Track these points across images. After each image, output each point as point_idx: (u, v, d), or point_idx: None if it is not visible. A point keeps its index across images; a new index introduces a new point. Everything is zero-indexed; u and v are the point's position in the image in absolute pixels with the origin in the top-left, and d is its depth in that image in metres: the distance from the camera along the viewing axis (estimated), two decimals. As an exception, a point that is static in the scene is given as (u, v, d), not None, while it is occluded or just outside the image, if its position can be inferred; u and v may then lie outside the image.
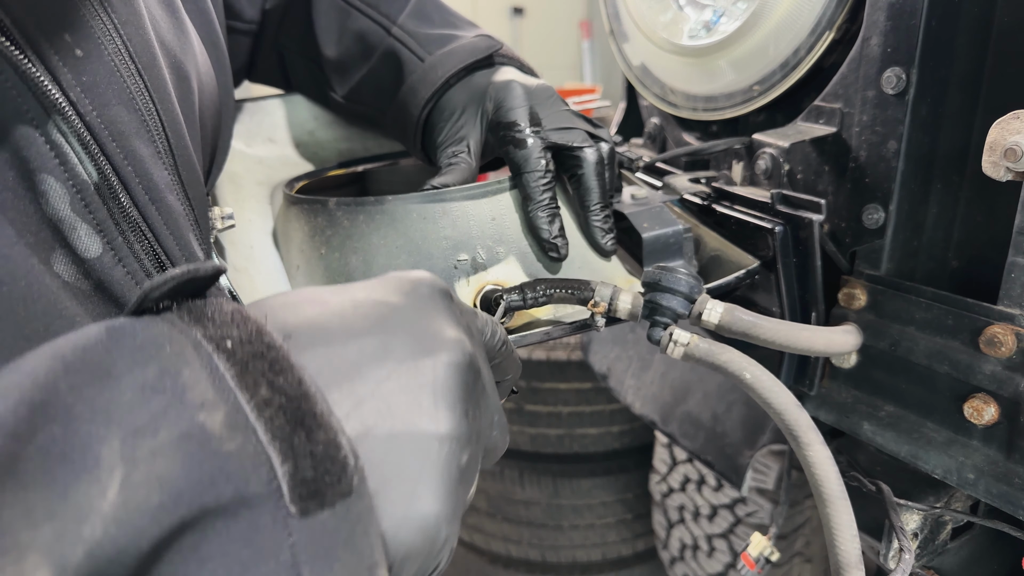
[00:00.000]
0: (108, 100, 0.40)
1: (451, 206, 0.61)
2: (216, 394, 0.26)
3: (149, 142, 0.43)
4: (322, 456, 0.27)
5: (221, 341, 0.28)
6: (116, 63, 0.42)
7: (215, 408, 0.26)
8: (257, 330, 0.29)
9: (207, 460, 0.25)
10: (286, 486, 0.26)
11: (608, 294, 0.57)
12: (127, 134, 0.41)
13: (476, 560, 2.05)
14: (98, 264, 0.38)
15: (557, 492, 1.89)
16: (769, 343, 0.57)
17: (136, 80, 0.43)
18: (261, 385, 0.27)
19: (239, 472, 0.25)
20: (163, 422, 0.25)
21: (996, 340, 0.57)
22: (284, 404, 0.27)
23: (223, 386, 0.27)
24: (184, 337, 0.28)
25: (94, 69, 0.40)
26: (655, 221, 0.67)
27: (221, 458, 0.25)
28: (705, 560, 1.50)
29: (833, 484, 0.54)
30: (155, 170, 0.43)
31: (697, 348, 0.55)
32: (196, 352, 0.27)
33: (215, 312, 0.30)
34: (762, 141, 0.75)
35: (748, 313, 0.57)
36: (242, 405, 0.26)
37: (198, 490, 0.24)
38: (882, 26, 0.64)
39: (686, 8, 0.86)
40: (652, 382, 1.28)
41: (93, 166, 0.38)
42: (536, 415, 1.86)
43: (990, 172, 0.55)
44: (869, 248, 0.68)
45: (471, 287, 0.61)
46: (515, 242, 0.63)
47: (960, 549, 0.79)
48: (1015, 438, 0.57)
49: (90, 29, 0.40)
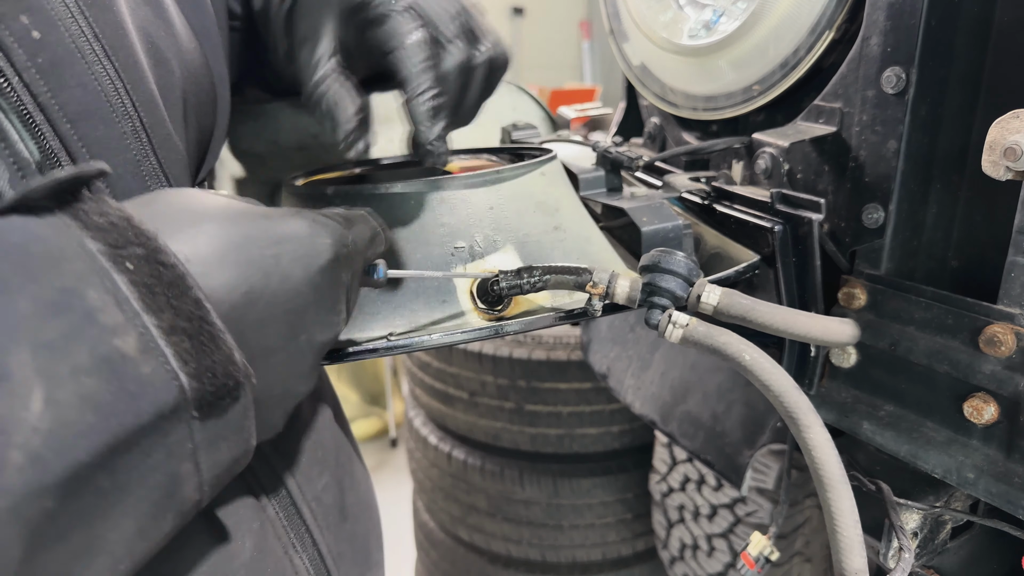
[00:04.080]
0: (65, 82, 0.41)
1: (449, 194, 0.61)
2: (125, 319, 0.29)
3: (113, 124, 0.43)
4: (220, 373, 0.32)
5: (119, 260, 0.30)
6: (78, 45, 0.42)
7: (126, 332, 0.29)
8: (155, 248, 0.31)
9: (129, 382, 0.28)
10: (191, 399, 0.30)
11: (606, 278, 0.56)
12: (84, 116, 0.41)
13: (476, 560, 2.05)
14: None
15: (557, 492, 1.89)
16: (766, 327, 0.57)
17: (101, 62, 0.43)
18: (166, 311, 0.30)
19: (155, 393, 0.29)
20: (78, 342, 0.27)
21: (996, 339, 0.57)
22: (187, 328, 0.31)
23: (130, 309, 0.29)
24: (80, 250, 0.29)
25: (52, 51, 0.40)
26: (654, 216, 0.67)
27: (140, 381, 0.28)
28: (705, 560, 1.50)
29: (833, 467, 0.53)
30: (117, 151, 0.44)
31: (695, 331, 0.55)
32: (95, 271, 0.29)
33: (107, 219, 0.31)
34: (762, 141, 0.75)
35: (746, 296, 0.57)
36: (150, 329, 0.29)
37: (123, 410, 0.28)
38: (882, 26, 0.64)
39: (686, 8, 0.86)
40: (652, 382, 1.28)
41: (35, 144, 0.39)
42: (536, 415, 1.86)
43: (990, 171, 0.55)
44: (869, 247, 0.68)
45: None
46: (513, 231, 0.62)
47: (960, 548, 0.79)
48: (1015, 437, 0.57)
49: (49, 12, 0.41)
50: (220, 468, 0.34)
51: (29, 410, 0.25)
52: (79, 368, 0.27)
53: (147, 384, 0.29)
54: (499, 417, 1.90)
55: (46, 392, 0.25)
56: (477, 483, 1.95)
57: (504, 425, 1.90)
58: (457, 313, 0.59)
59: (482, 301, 0.59)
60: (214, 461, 0.33)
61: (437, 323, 0.58)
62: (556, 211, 0.66)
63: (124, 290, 0.29)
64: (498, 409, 1.89)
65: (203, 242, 0.35)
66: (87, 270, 0.29)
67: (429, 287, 0.59)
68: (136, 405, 0.28)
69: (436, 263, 0.59)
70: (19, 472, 0.24)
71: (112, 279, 0.29)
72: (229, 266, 0.35)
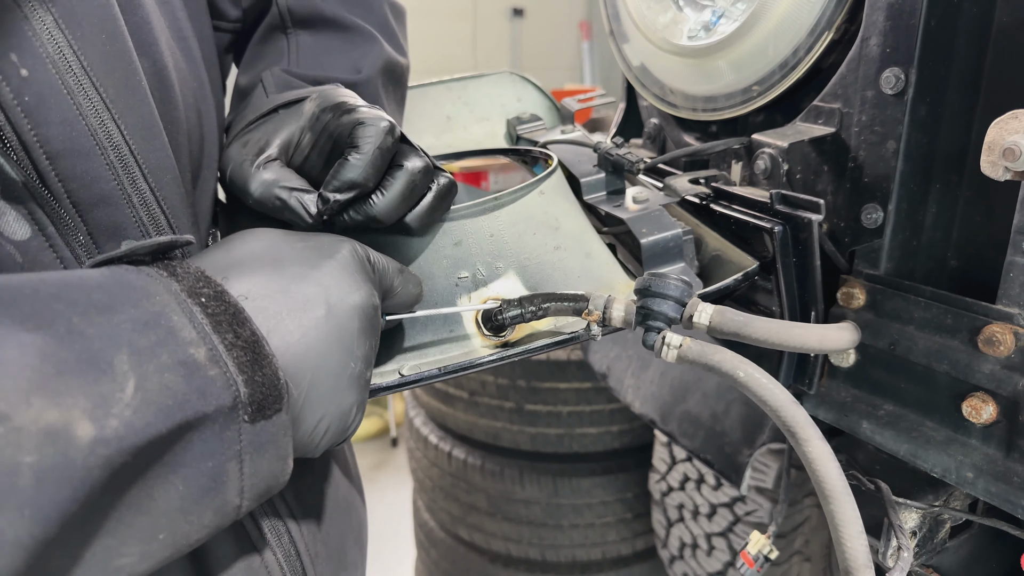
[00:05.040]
0: (49, 119, 0.43)
1: (450, 225, 0.62)
2: (198, 335, 0.38)
3: (95, 157, 0.45)
4: (268, 385, 0.40)
5: (196, 296, 0.40)
6: (65, 81, 0.43)
7: (199, 345, 0.38)
8: (221, 291, 0.41)
9: (198, 380, 0.37)
10: (244, 403, 0.38)
11: (602, 303, 0.58)
12: (64, 152, 0.43)
13: (476, 559, 2.05)
14: (26, 247, 0.43)
15: (557, 491, 1.89)
16: (761, 342, 0.58)
17: (88, 95, 0.45)
18: (228, 332, 0.39)
19: (218, 392, 0.37)
20: (163, 349, 0.36)
21: (995, 339, 0.57)
22: (244, 346, 0.39)
23: (202, 330, 0.38)
24: (167, 290, 0.39)
25: (39, 89, 0.42)
26: (654, 226, 0.68)
27: (207, 380, 0.37)
28: (704, 559, 1.50)
29: (835, 480, 0.53)
30: (100, 182, 0.45)
31: (690, 350, 0.55)
32: (178, 302, 0.39)
33: (187, 271, 0.41)
34: (761, 141, 0.75)
35: (739, 313, 0.57)
36: (217, 345, 0.38)
37: (192, 400, 0.36)
38: (881, 26, 0.64)
39: (686, 9, 0.87)
40: (651, 381, 1.29)
41: (19, 171, 0.42)
42: (536, 415, 1.87)
43: (989, 172, 0.55)
44: (868, 248, 0.69)
45: (473, 303, 0.62)
46: (514, 256, 0.64)
47: (959, 548, 0.79)
48: (1014, 437, 0.57)
49: (37, 50, 0.42)
50: (260, 479, 0.41)
51: (124, 392, 0.33)
52: (163, 367, 0.35)
53: (212, 383, 0.37)
54: (499, 417, 1.90)
55: (137, 381, 0.34)
56: (477, 482, 1.95)
57: (504, 424, 1.90)
58: (464, 339, 0.61)
59: (487, 328, 0.61)
60: (256, 469, 0.40)
61: (445, 349, 0.60)
62: (556, 230, 0.67)
63: (199, 316, 0.39)
64: (498, 408, 1.89)
65: (257, 280, 0.44)
66: (172, 301, 0.38)
67: (436, 318, 0.61)
68: (203, 399, 0.36)
69: (441, 294, 0.61)
70: (115, 432, 0.32)
71: (190, 309, 0.39)
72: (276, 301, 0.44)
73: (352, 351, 0.47)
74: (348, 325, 0.46)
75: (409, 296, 0.56)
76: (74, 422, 0.31)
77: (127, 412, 0.33)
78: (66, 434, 0.31)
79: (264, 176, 0.55)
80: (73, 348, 0.33)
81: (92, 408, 0.32)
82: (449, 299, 0.61)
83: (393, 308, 0.56)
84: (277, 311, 0.43)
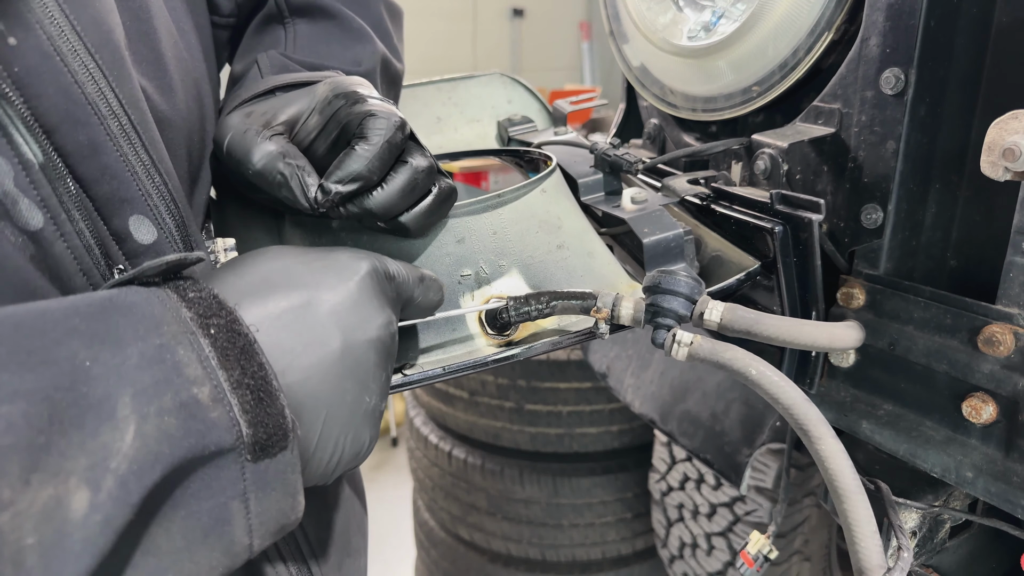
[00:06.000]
0: (42, 90, 0.41)
1: (452, 223, 0.62)
2: (204, 372, 0.36)
3: (95, 127, 0.43)
4: (272, 424, 0.38)
5: (205, 326, 0.38)
6: (58, 46, 0.42)
7: (204, 384, 0.36)
8: (232, 319, 0.39)
9: (198, 423, 0.35)
10: (247, 443, 0.37)
11: (610, 301, 0.58)
12: (62, 124, 0.42)
13: (476, 558, 2.05)
14: (39, 236, 0.41)
15: (557, 491, 1.89)
16: (772, 339, 0.57)
17: (84, 61, 0.43)
18: (235, 368, 0.38)
19: (219, 433, 0.36)
20: (166, 389, 0.35)
21: (994, 339, 0.57)
22: (251, 384, 0.38)
23: (209, 366, 0.37)
24: (176, 318, 0.37)
25: (28, 58, 0.40)
26: (655, 226, 0.68)
27: (208, 423, 0.36)
28: (704, 558, 1.50)
29: (848, 478, 0.52)
30: (101, 153, 0.44)
31: (701, 348, 0.55)
32: (187, 334, 0.37)
33: (199, 296, 0.39)
34: (761, 141, 0.75)
35: (749, 311, 0.57)
36: (222, 383, 0.37)
37: (190, 443, 0.35)
38: (881, 26, 0.64)
39: (685, 9, 0.87)
40: (651, 381, 1.29)
41: (39, 148, 0.41)
42: (536, 414, 1.87)
43: (988, 172, 0.55)
44: (868, 248, 0.69)
45: (476, 301, 0.61)
46: (517, 254, 0.63)
47: (959, 547, 0.80)
48: (1013, 437, 0.57)
49: (26, 17, 0.40)
50: (268, 516, 0.39)
51: (124, 440, 0.33)
52: (164, 409, 0.34)
53: (213, 426, 0.36)
54: (499, 416, 1.90)
55: (137, 427, 0.33)
56: (477, 482, 1.95)
57: (504, 424, 1.90)
58: (467, 338, 0.60)
59: (491, 327, 0.61)
60: (263, 507, 0.39)
61: (448, 349, 0.60)
62: (558, 229, 0.66)
63: (206, 350, 0.37)
64: (498, 408, 1.89)
65: (272, 309, 0.42)
66: (180, 331, 0.37)
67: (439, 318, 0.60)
68: (202, 441, 0.35)
69: (444, 292, 0.60)
70: (109, 495, 0.32)
71: (198, 341, 0.37)
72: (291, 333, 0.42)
73: (367, 385, 0.46)
74: (364, 359, 0.45)
75: (429, 303, 0.55)
76: (69, 495, 0.30)
77: (123, 466, 0.32)
78: (62, 511, 0.30)
79: (269, 147, 0.53)
80: (78, 389, 0.32)
81: (90, 467, 0.31)
82: (452, 297, 0.61)
83: (412, 315, 0.55)
84: (291, 346, 0.42)
